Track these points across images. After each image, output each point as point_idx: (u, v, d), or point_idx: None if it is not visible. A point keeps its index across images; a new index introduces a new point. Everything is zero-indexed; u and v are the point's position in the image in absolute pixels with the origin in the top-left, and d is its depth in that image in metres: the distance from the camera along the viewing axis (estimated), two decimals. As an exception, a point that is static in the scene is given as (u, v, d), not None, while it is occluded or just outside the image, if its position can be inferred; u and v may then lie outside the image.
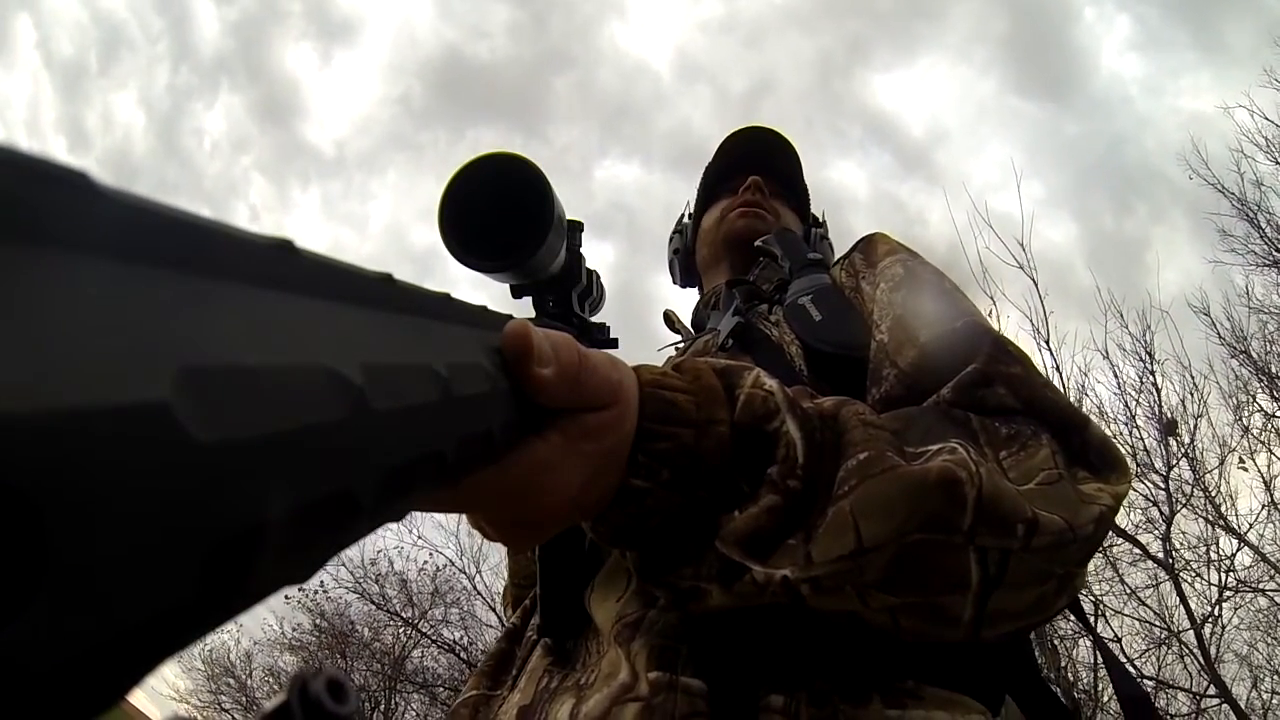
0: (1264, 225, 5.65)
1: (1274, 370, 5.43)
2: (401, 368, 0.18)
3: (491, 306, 0.28)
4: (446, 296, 0.24)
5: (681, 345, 0.76)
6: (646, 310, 9.09)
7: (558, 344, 0.29)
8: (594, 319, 0.67)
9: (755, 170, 0.83)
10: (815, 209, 0.91)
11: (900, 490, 0.35)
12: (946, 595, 0.37)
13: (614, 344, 0.67)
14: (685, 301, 1.02)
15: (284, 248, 0.15)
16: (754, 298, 0.72)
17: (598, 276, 0.67)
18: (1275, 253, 5.62)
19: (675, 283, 0.95)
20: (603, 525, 0.36)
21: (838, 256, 0.71)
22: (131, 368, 0.10)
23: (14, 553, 0.08)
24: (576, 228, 0.63)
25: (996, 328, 0.51)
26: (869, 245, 0.66)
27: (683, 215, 0.95)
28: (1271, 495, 5.16)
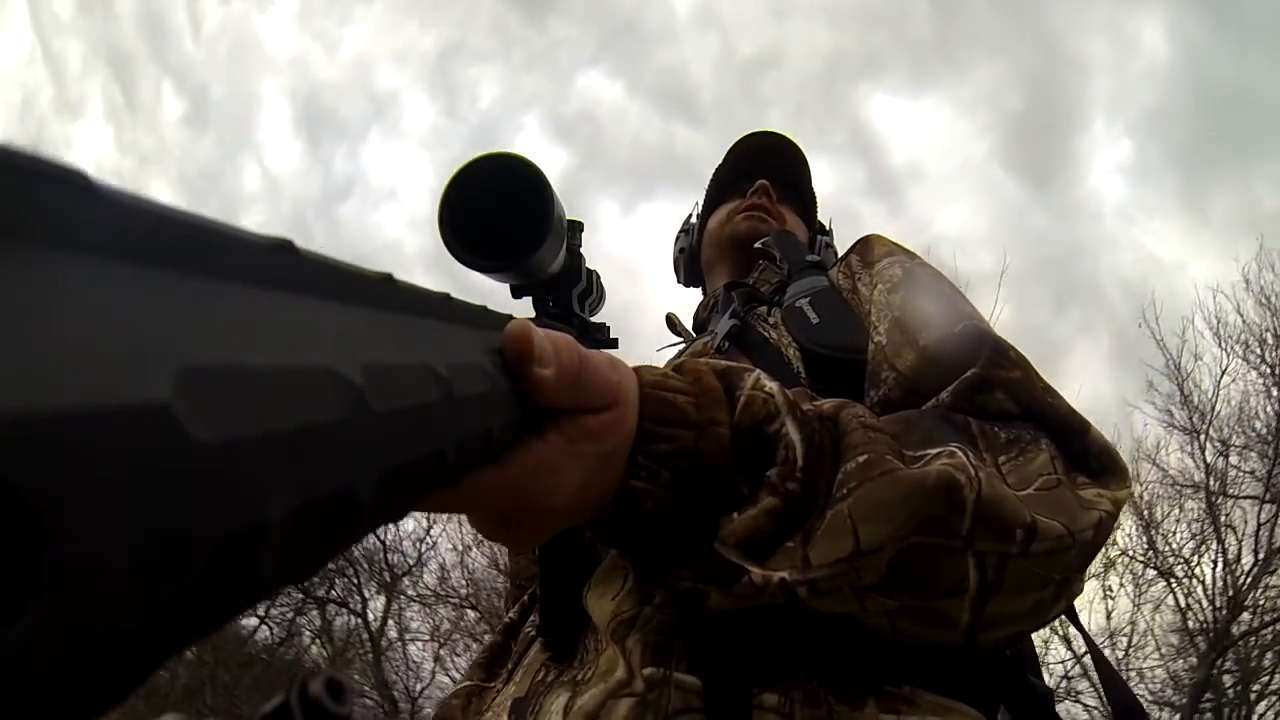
0: (1188, 394, 6.38)
1: (1149, 519, 6.26)
2: (402, 368, 0.18)
3: (487, 304, 0.28)
4: (446, 296, 0.24)
5: (682, 346, 0.76)
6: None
7: (558, 344, 0.29)
8: (594, 319, 0.67)
9: (765, 174, 0.83)
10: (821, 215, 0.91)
11: (899, 494, 0.35)
12: (944, 599, 0.37)
13: (614, 344, 0.67)
14: (686, 302, 1.03)
15: (284, 247, 0.15)
16: (752, 300, 0.72)
17: (598, 276, 0.67)
18: (1190, 422, 6.33)
19: (679, 281, 0.95)
20: (602, 526, 0.36)
21: (836, 259, 0.72)
22: (131, 368, 0.10)
23: (13, 553, 0.08)
24: (577, 228, 0.63)
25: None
26: (866, 246, 0.65)
27: (690, 215, 0.95)
28: (1110, 623, 6.13)
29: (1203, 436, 6.30)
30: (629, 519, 0.35)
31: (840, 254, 0.71)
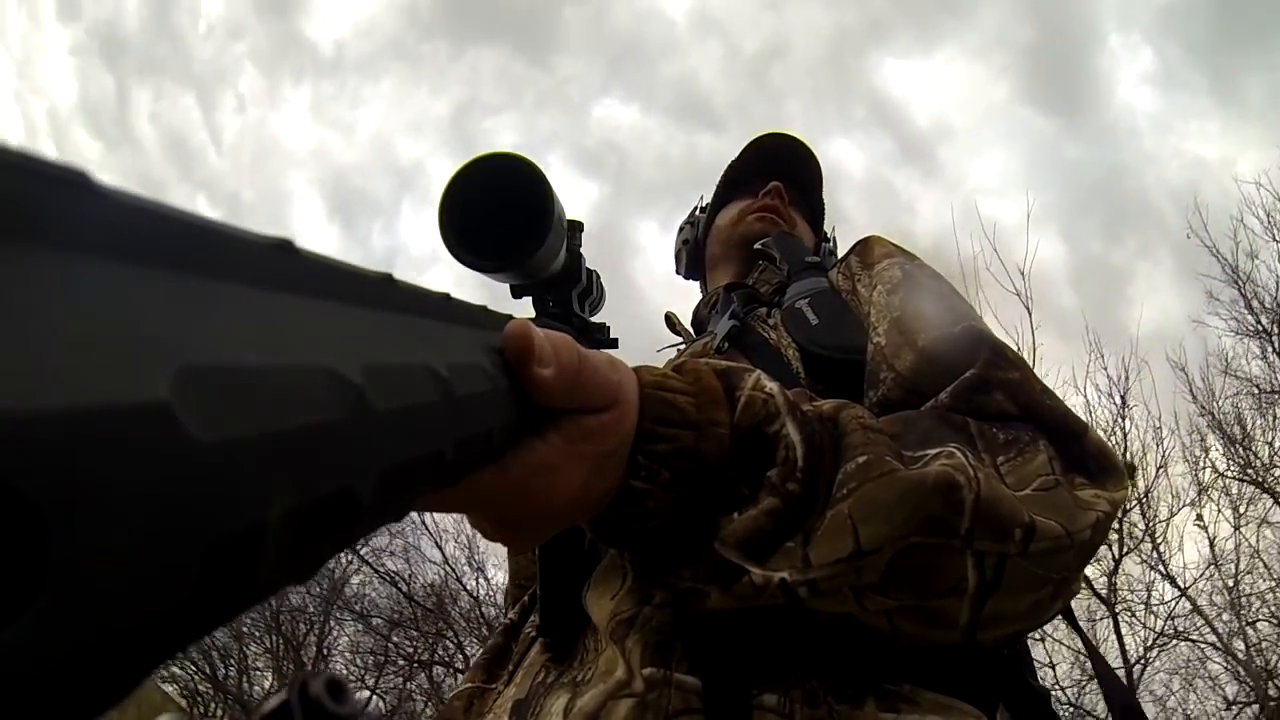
0: (1250, 296, 5.92)
1: (1233, 434, 5.73)
2: (401, 367, 0.18)
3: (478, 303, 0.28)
4: (446, 296, 0.24)
5: (682, 346, 0.76)
6: (622, 256, 8.76)
7: (558, 344, 0.29)
8: (594, 319, 0.67)
9: (779, 176, 0.83)
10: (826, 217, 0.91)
11: (899, 494, 0.35)
12: (943, 599, 0.37)
13: (614, 344, 0.67)
14: (685, 301, 1.03)
15: (284, 247, 0.15)
16: (752, 301, 0.72)
17: (598, 276, 0.67)
18: (1259, 324, 5.87)
19: (678, 272, 0.94)
20: (602, 526, 0.36)
21: (835, 260, 0.72)
22: (131, 368, 0.10)
23: (14, 553, 0.08)
24: (577, 228, 0.63)
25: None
26: (865, 248, 0.66)
27: (695, 208, 0.94)
28: (1214, 551, 5.52)
29: (1275, 339, 5.77)
30: (629, 519, 0.35)
31: (840, 257, 0.71)
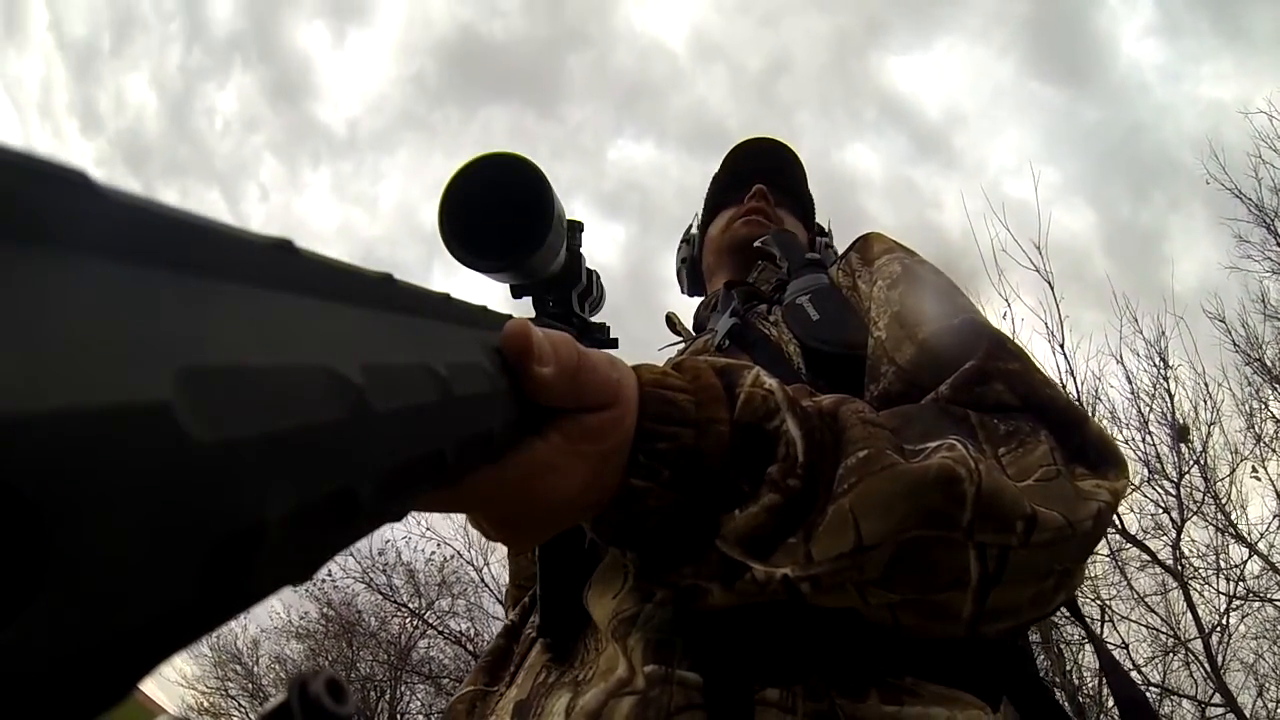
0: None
1: None
2: (401, 367, 0.18)
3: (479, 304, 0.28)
4: (446, 296, 0.24)
5: (682, 346, 0.76)
6: (657, 292, 8.70)
7: (557, 343, 0.29)
8: (594, 319, 0.67)
9: (760, 180, 0.84)
10: (826, 201, 0.92)
11: (900, 488, 0.35)
12: (946, 592, 0.37)
13: (614, 344, 0.67)
14: (691, 306, 1.04)
15: (283, 247, 0.15)
16: (753, 298, 0.72)
17: (598, 276, 0.68)
18: None
19: (683, 291, 0.96)
20: (603, 525, 0.36)
21: (836, 257, 0.72)
22: (131, 368, 0.10)
23: (14, 553, 0.08)
24: (576, 228, 0.63)
25: (1005, 327, 0.51)
26: (865, 244, 0.66)
27: (690, 226, 0.96)
28: None
29: None
30: (630, 517, 0.35)
31: (840, 253, 0.72)
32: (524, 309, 0.62)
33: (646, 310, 0.82)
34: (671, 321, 0.82)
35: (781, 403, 0.37)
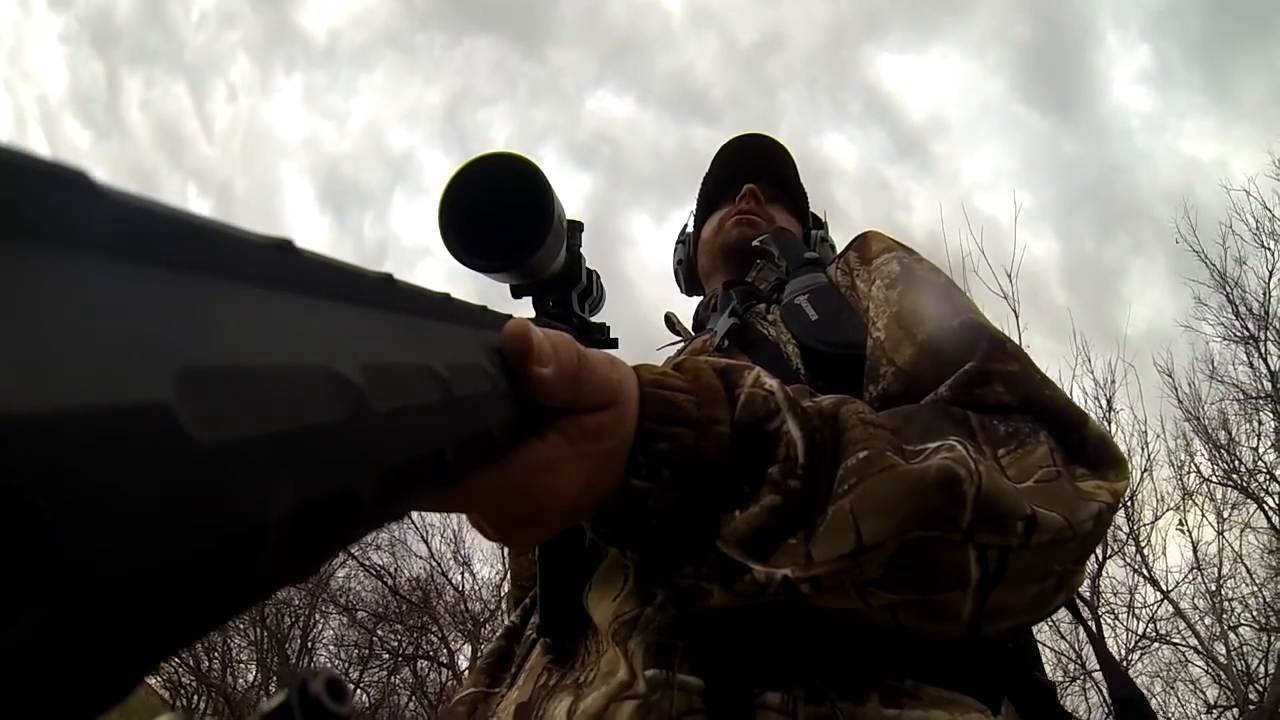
0: (1238, 302, 6.00)
1: (1219, 439, 5.85)
2: (401, 367, 0.18)
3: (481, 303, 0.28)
4: (446, 296, 0.24)
5: (681, 345, 0.76)
6: (616, 247, 8.80)
7: (557, 343, 0.29)
8: (594, 319, 0.67)
9: (751, 177, 0.84)
10: (811, 191, 0.91)
11: (900, 489, 0.35)
12: (946, 592, 0.37)
13: (614, 344, 0.67)
14: (677, 295, 1.04)
15: (283, 247, 0.15)
16: (751, 298, 0.72)
17: (598, 276, 0.68)
18: (1245, 330, 5.94)
19: (681, 291, 0.96)
20: (603, 525, 0.36)
21: (834, 255, 0.72)
22: (131, 368, 0.10)
23: (14, 553, 0.08)
24: (576, 228, 0.63)
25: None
26: (864, 243, 0.66)
27: (685, 225, 0.96)
28: (1197, 555, 5.65)
29: (1262, 344, 5.83)
30: (630, 518, 0.35)
31: (838, 247, 0.71)
32: (524, 309, 0.62)
33: (602, 267, 0.80)
34: (670, 321, 0.82)
35: (782, 403, 0.37)
